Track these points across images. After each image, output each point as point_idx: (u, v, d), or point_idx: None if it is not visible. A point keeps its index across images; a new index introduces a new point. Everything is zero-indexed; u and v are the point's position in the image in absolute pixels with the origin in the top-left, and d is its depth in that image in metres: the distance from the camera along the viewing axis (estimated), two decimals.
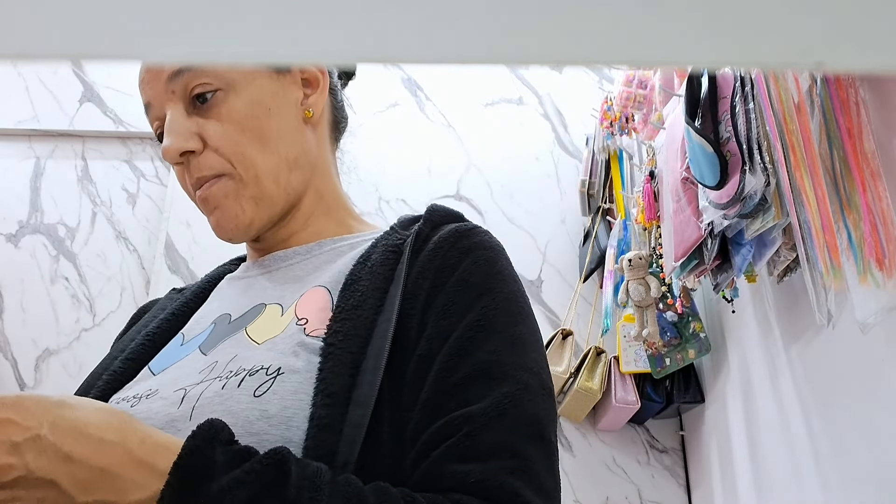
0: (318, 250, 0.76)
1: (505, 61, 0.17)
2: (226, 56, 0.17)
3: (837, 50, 0.16)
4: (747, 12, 0.16)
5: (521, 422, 0.58)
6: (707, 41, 0.16)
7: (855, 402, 1.14)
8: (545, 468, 0.58)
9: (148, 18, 0.17)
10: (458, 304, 0.63)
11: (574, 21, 0.16)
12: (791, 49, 0.16)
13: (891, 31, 0.16)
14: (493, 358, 0.60)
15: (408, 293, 0.64)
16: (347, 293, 0.65)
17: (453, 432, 0.56)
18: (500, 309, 0.63)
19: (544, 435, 0.59)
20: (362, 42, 0.17)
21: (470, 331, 0.61)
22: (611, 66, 2.04)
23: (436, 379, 0.60)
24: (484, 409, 0.57)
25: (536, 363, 0.63)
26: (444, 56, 0.17)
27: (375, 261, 0.68)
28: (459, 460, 0.55)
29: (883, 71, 0.17)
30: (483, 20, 0.16)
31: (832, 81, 1.00)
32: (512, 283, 0.67)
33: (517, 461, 0.56)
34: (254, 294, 0.74)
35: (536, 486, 0.56)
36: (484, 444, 0.56)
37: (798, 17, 0.16)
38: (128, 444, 0.47)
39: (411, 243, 0.68)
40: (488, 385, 0.59)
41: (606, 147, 2.01)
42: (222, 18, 0.17)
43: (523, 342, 0.63)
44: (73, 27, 0.17)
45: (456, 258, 0.66)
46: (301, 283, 0.72)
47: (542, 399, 0.61)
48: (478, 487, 0.54)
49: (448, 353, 0.60)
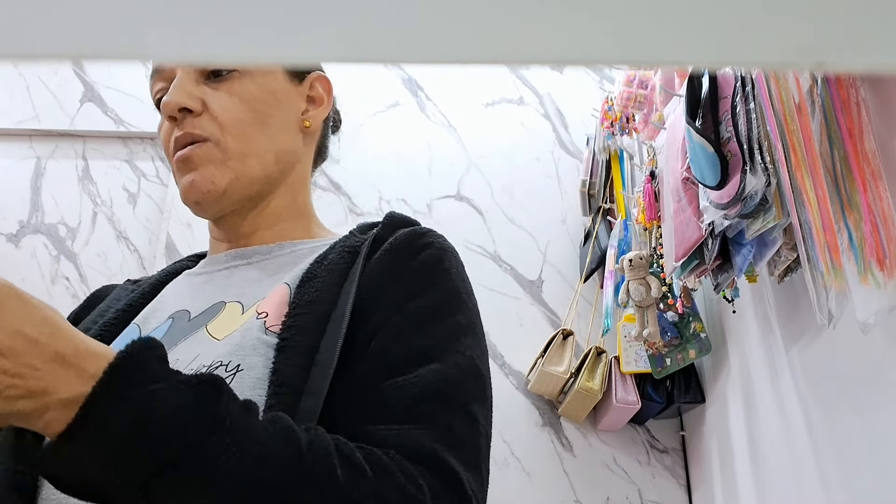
0: (278, 251, 0.77)
1: (505, 61, 0.17)
2: (227, 56, 0.17)
3: (838, 50, 0.16)
4: (748, 12, 0.16)
5: (446, 397, 0.60)
6: (707, 41, 0.16)
7: (855, 402, 1.14)
8: (469, 439, 0.59)
9: (148, 18, 0.17)
10: (402, 295, 0.65)
11: (574, 21, 0.16)
12: (792, 49, 0.16)
13: (891, 31, 0.16)
14: (427, 342, 0.63)
15: (362, 289, 0.66)
16: (303, 290, 0.67)
17: (376, 400, 0.59)
18: (440, 300, 0.66)
19: (471, 412, 0.61)
20: (362, 42, 0.17)
21: (409, 317, 0.64)
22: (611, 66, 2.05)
23: (369, 358, 0.62)
24: (410, 381, 0.59)
25: (471, 349, 0.65)
26: (444, 56, 0.17)
27: (332, 260, 0.70)
28: (379, 423, 0.57)
29: (883, 71, 0.17)
30: (483, 20, 0.16)
31: (833, 81, 1.00)
32: (457, 280, 0.69)
33: (438, 429, 0.57)
34: (213, 291, 0.74)
35: (457, 453, 0.57)
36: (406, 412, 0.58)
37: (798, 17, 0.16)
38: (59, 347, 0.46)
39: (368, 244, 0.71)
40: (419, 364, 0.61)
41: (607, 147, 2.01)
42: (223, 18, 0.17)
43: (461, 329, 0.65)
44: (73, 27, 0.17)
45: (408, 256, 0.69)
46: (261, 284, 0.72)
47: (473, 380, 0.63)
48: (397, 445, 0.56)
49: (385, 335, 0.63)
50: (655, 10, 0.16)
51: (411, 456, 0.55)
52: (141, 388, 0.47)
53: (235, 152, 0.73)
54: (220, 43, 0.17)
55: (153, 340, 0.50)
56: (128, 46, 0.17)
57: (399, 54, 0.17)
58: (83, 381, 0.46)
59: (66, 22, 0.17)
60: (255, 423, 0.51)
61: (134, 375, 0.47)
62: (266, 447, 0.49)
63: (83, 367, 0.46)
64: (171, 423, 0.46)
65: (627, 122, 1.79)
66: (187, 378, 0.49)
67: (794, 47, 0.16)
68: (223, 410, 0.49)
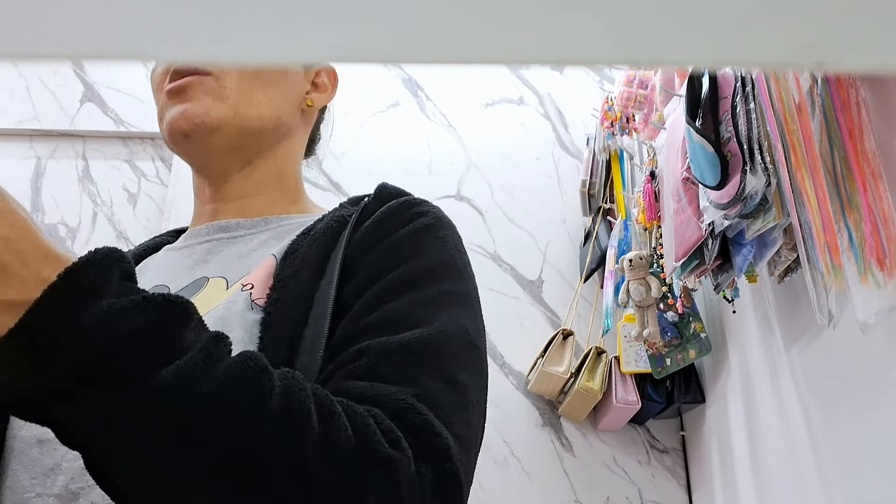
0: (263, 226, 0.73)
1: (505, 61, 0.17)
2: (227, 56, 0.17)
3: (838, 50, 0.16)
4: (748, 12, 0.16)
5: (432, 362, 0.55)
6: (707, 41, 0.16)
7: (856, 402, 1.14)
8: (454, 405, 0.54)
9: (148, 18, 0.17)
10: (391, 261, 0.61)
11: (574, 21, 0.16)
12: (792, 49, 0.16)
13: (891, 31, 0.16)
14: (414, 306, 0.58)
15: (349, 258, 0.62)
16: (288, 261, 0.63)
17: (358, 359, 0.54)
18: (431, 267, 0.61)
19: (457, 378, 0.55)
20: (362, 42, 0.17)
21: (397, 282, 0.59)
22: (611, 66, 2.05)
23: (350, 319, 0.57)
24: (391, 343, 0.55)
25: (464, 319, 0.60)
26: (444, 56, 0.17)
27: (319, 230, 0.66)
28: (361, 380, 0.53)
29: (883, 71, 0.17)
30: (483, 20, 0.16)
31: (833, 81, 1.00)
32: (451, 250, 0.65)
33: (421, 389, 0.53)
34: (194, 266, 0.70)
35: (441, 416, 0.52)
36: (389, 372, 0.53)
37: (798, 17, 0.16)
38: (17, 245, 0.41)
39: (357, 214, 0.67)
40: (403, 328, 0.56)
41: (607, 147, 2.01)
42: (223, 18, 0.17)
43: (450, 297, 0.60)
44: (73, 27, 0.17)
45: (399, 224, 0.65)
46: (246, 259, 0.68)
47: (463, 350, 0.58)
48: (379, 400, 0.51)
49: (370, 298, 0.58)
50: (655, 10, 0.16)
51: (393, 415, 0.50)
52: (93, 301, 0.41)
53: (236, 95, 0.70)
54: (221, 43, 0.17)
55: (119, 252, 0.45)
56: (128, 46, 0.17)
57: (399, 54, 0.17)
58: (35, 285, 0.40)
59: (66, 22, 0.17)
60: (222, 356, 0.45)
61: (89, 286, 0.42)
62: (230, 385, 0.44)
63: (39, 269, 0.41)
64: (119, 344, 0.41)
65: (627, 122, 1.79)
66: (151, 297, 0.43)
67: (794, 47, 0.16)
68: (187, 339, 0.44)
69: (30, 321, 0.40)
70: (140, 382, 0.41)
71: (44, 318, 0.40)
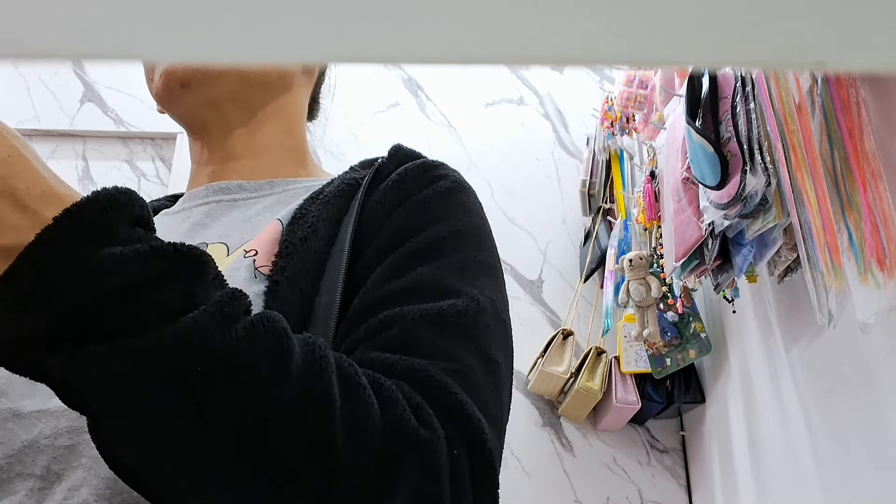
0: (268, 189, 0.67)
1: (505, 61, 0.17)
2: (227, 56, 0.17)
3: (838, 50, 0.16)
4: (748, 12, 0.16)
5: (465, 335, 0.50)
6: (707, 41, 0.16)
7: (855, 402, 1.14)
8: (488, 385, 0.50)
9: (148, 18, 0.17)
10: (412, 225, 0.56)
11: (574, 21, 0.16)
12: (792, 49, 0.16)
13: (891, 31, 0.16)
14: (440, 272, 0.53)
15: (363, 222, 0.57)
16: (295, 227, 0.57)
17: (388, 328, 0.49)
18: (456, 233, 0.57)
19: (491, 355, 0.51)
20: (362, 42, 0.17)
21: (419, 248, 0.55)
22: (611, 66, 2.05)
23: (373, 284, 0.53)
24: (423, 311, 0.50)
25: (494, 291, 0.55)
26: (444, 56, 0.17)
27: (329, 193, 0.61)
28: (389, 352, 0.48)
29: (883, 71, 0.17)
30: (483, 20, 0.16)
31: (833, 81, 1.00)
32: (475, 217, 0.60)
33: (456, 365, 0.48)
34: (192, 231, 0.64)
35: (475, 395, 0.47)
36: (422, 343, 0.48)
37: (798, 17, 0.16)
38: (13, 182, 0.37)
39: (370, 175, 0.62)
40: (432, 296, 0.51)
41: (607, 147, 2.01)
42: (223, 18, 0.17)
43: (480, 267, 0.56)
44: (73, 27, 0.17)
45: (418, 186, 0.59)
46: (249, 224, 0.62)
47: (493, 321, 0.53)
48: (409, 374, 0.46)
49: (391, 266, 0.54)
50: (655, 10, 0.16)
51: (423, 390, 0.45)
52: (94, 247, 0.37)
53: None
54: (220, 43, 0.17)
55: (131, 194, 0.40)
56: (128, 46, 0.17)
57: (399, 54, 0.17)
58: (33, 229, 0.36)
59: (66, 22, 0.17)
60: (238, 315, 0.40)
61: (89, 231, 0.37)
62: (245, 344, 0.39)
63: (38, 210, 0.37)
64: (119, 296, 0.37)
65: (627, 122, 1.80)
66: (161, 246, 0.39)
67: (794, 47, 0.16)
68: (199, 294, 0.39)
69: (21, 266, 0.36)
70: (140, 333, 0.37)
71: (36, 264, 0.36)
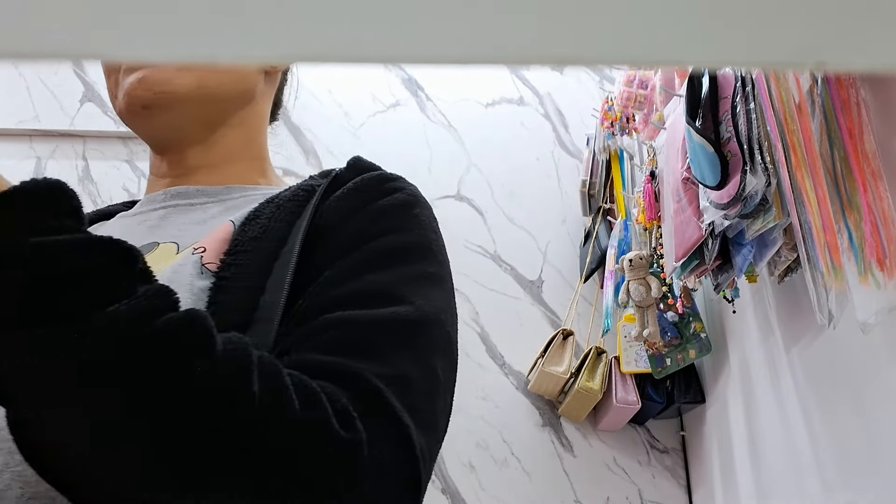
0: (226, 194, 0.68)
1: (505, 61, 0.17)
2: (226, 56, 0.17)
3: (838, 50, 0.16)
4: (748, 12, 0.16)
5: (405, 342, 0.51)
6: (707, 41, 0.16)
7: (855, 403, 1.14)
8: (423, 393, 0.50)
9: (148, 18, 0.17)
10: (363, 234, 0.57)
11: (574, 21, 0.16)
12: (792, 49, 0.16)
13: (891, 31, 0.16)
14: (387, 282, 0.54)
15: (315, 226, 0.58)
16: (247, 227, 0.58)
17: (328, 330, 0.50)
18: (406, 244, 0.57)
19: (430, 364, 0.51)
20: (362, 42, 0.17)
21: (369, 256, 0.55)
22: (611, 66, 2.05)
23: (320, 288, 0.53)
24: (365, 317, 0.50)
25: (442, 303, 0.56)
26: (444, 56, 0.17)
27: (284, 197, 0.61)
28: (325, 353, 0.48)
29: (883, 71, 0.17)
30: (483, 20, 0.16)
31: (833, 81, 1.00)
32: (428, 230, 0.60)
33: (392, 370, 0.48)
34: (146, 232, 0.64)
35: (408, 402, 0.48)
36: (360, 347, 0.49)
37: (798, 17, 0.16)
38: None
39: (327, 183, 0.63)
40: (377, 303, 0.52)
41: (607, 147, 2.01)
42: (223, 18, 0.17)
43: (427, 278, 0.56)
44: (73, 27, 0.17)
45: (374, 196, 0.60)
46: (203, 226, 0.63)
47: (437, 332, 0.54)
48: (341, 377, 0.46)
49: (339, 271, 0.54)
50: (655, 10, 0.16)
51: (352, 394, 0.45)
52: (21, 236, 0.37)
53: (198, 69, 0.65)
54: (220, 42, 0.17)
55: (62, 186, 0.40)
56: (128, 46, 0.17)
57: (399, 54, 0.17)
58: None
59: (66, 22, 0.17)
60: (159, 310, 0.40)
61: (17, 220, 0.37)
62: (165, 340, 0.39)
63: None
64: (42, 285, 0.37)
65: (627, 122, 1.79)
66: (88, 238, 0.39)
67: (794, 47, 0.16)
68: (124, 287, 0.39)
69: None
70: (61, 323, 0.36)
71: None
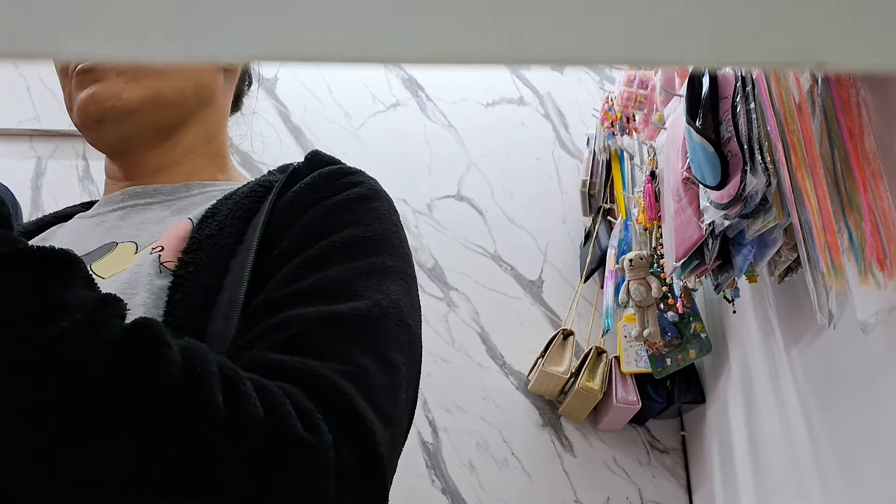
0: (184, 192, 0.67)
1: (505, 61, 0.17)
2: (225, 55, 0.17)
3: (838, 50, 0.16)
4: (748, 12, 0.16)
5: (363, 337, 0.50)
6: (707, 41, 0.16)
7: (856, 403, 1.14)
8: (385, 387, 0.49)
9: (148, 18, 0.17)
10: (321, 228, 0.57)
11: (574, 21, 0.16)
12: (792, 49, 0.16)
13: (891, 31, 0.16)
14: (346, 276, 0.53)
15: (272, 222, 0.57)
16: (204, 224, 0.58)
17: (284, 328, 0.49)
18: (365, 238, 0.57)
19: (389, 357, 0.51)
20: (362, 42, 0.17)
21: (326, 250, 0.55)
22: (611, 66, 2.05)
23: (276, 285, 0.53)
24: (322, 313, 0.50)
25: (399, 296, 0.55)
26: (444, 56, 0.17)
27: (241, 193, 0.61)
28: (284, 352, 0.48)
29: (884, 71, 0.17)
30: (483, 20, 0.16)
31: (833, 81, 1.00)
32: (387, 223, 0.60)
33: (351, 367, 0.48)
34: (104, 233, 0.64)
35: (370, 398, 0.47)
36: (316, 345, 0.49)
37: (798, 17, 0.16)
38: None
39: (285, 178, 0.62)
40: (334, 299, 0.52)
41: (607, 147, 2.01)
42: (220, 18, 0.17)
43: (386, 271, 0.56)
44: (73, 27, 0.17)
45: (332, 191, 0.60)
46: (161, 224, 0.63)
47: (395, 325, 0.53)
48: (301, 376, 0.46)
49: (296, 266, 0.54)
50: (655, 10, 0.16)
51: (313, 394, 0.45)
52: None
53: (152, 71, 0.64)
54: (219, 42, 0.17)
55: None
56: (128, 46, 0.17)
57: (399, 54, 0.17)
58: None
59: (66, 22, 0.17)
60: (106, 322, 0.39)
61: None
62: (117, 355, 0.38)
63: None
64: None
65: (628, 122, 1.79)
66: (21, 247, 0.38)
67: (794, 47, 0.16)
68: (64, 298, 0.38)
69: None
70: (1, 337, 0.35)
71: None
